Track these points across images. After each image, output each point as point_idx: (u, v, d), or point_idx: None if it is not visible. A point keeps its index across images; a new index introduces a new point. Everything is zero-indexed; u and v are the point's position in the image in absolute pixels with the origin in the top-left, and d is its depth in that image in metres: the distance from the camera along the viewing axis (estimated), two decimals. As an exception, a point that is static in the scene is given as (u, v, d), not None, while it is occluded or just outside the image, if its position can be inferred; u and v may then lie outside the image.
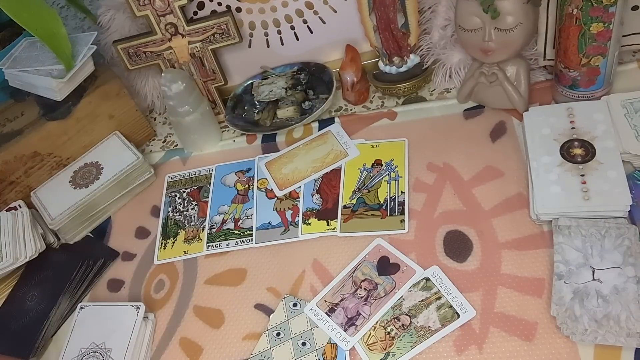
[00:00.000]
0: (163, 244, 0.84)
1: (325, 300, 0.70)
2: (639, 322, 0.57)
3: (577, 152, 0.70)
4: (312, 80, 0.96)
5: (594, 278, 0.61)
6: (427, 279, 0.68)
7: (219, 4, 0.91)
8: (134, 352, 0.71)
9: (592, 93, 0.76)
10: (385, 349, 0.64)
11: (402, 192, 0.78)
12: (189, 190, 0.90)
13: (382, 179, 0.80)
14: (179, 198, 0.89)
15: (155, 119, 1.06)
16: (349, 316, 0.68)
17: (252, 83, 0.98)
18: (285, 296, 0.72)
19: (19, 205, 0.88)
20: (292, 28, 0.94)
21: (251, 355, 0.68)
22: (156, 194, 0.91)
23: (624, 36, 0.77)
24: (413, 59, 0.89)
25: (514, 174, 0.75)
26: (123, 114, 0.96)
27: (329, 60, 0.96)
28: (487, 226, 0.72)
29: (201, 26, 0.90)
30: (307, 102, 0.94)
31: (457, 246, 0.71)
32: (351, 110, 0.93)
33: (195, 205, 0.87)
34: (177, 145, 0.99)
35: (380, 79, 0.91)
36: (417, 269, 0.69)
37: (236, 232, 0.82)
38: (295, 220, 0.80)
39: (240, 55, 0.97)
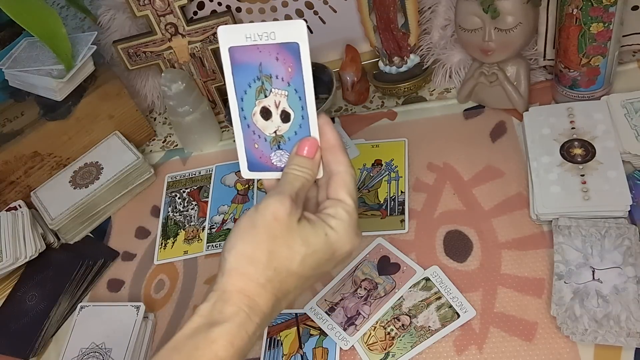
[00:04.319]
0: (163, 244, 0.84)
1: (325, 300, 0.70)
2: (639, 322, 0.57)
3: (577, 152, 0.70)
4: (312, 80, 0.96)
5: (594, 278, 0.61)
6: (427, 279, 0.68)
7: (219, 4, 0.91)
8: (134, 352, 0.71)
9: (592, 93, 0.76)
10: (385, 349, 0.64)
11: (402, 192, 0.78)
12: (189, 190, 0.90)
13: (382, 179, 0.80)
14: (179, 198, 0.89)
15: (155, 119, 1.06)
16: (348, 315, 0.68)
17: (252, 83, 0.98)
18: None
19: (19, 205, 0.88)
20: (292, 28, 0.94)
21: None
22: (156, 194, 0.91)
23: (624, 36, 0.77)
24: (413, 59, 0.89)
25: (514, 174, 0.75)
26: (123, 114, 0.96)
27: (329, 60, 0.96)
28: (487, 226, 0.72)
29: (201, 26, 0.90)
30: (307, 102, 0.94)
31: (457, 246, 0.71)
32: (351, 110, 0.93)
33: (195, 205, 0.87)
34: (177, 145, 0.99)
35: (380, 79, 0.91)
36: (417, 269, 0.69)
37: (236, 232, 0.81)
38: (295, 220, 0.80)
39: (240, 55, 0.96)
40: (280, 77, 0.47)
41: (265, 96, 0.48)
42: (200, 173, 0.92)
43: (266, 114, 0.49)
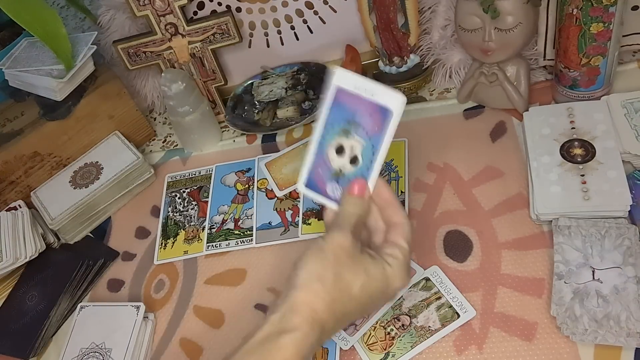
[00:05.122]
0: (163, 244, 0.84)
1: (325, 300, 0.70)
2: (639, 322, 0.57)
3: (577, 152, 0.70)
4: (312, 80, 0.96)
5: (594, 278, 0.61)
6: (427, 279, 0.68)
7: (219, 4, 0.91)
8: (134, 352, 0.71)
9: (592, 93, 0.76)
10: (385, 349, 0.64)
11: (402, 192, 0.78)
12: (189, 190, 0.90)
13: (382, 179, 0.80)
14: (179, 198, 0.89)
15: (155, 119, 1.06)
16: (349, 316, 0.68)
17: (252, 83, 0.98)
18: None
19: (19, 205, 0.88)
20: (292, 28, 0.94)
21: None
22: (156, 194, 0.91)
23: (624, 36, 0.77)
24: (413, 59, 0.89)
25: (514, 174, 0.75)
26: (123, 114, 0.96)
27: (329, 60, 0.96)
28: (487, 226, 0.72)
29: (201, 26, 0.90)
30: (307, 102, 0.94)
31: (457, 246, 0.71)
32: (351, 110, 0.92)
33: (195, 205, 0.87)
34: (177, 145, 0.99)
35: (380, 79, 0.91)
36: (417, 269, 0.69)
37: (236, 232, 0.82)
38: (296, 220, 0.80)
39: (240, 55, 0.97)
40: (365, 129, 0.53)
41: (346, 137, 0.54)
42: (200, 173, 0.92)
43: (340, 151, 0.55)
